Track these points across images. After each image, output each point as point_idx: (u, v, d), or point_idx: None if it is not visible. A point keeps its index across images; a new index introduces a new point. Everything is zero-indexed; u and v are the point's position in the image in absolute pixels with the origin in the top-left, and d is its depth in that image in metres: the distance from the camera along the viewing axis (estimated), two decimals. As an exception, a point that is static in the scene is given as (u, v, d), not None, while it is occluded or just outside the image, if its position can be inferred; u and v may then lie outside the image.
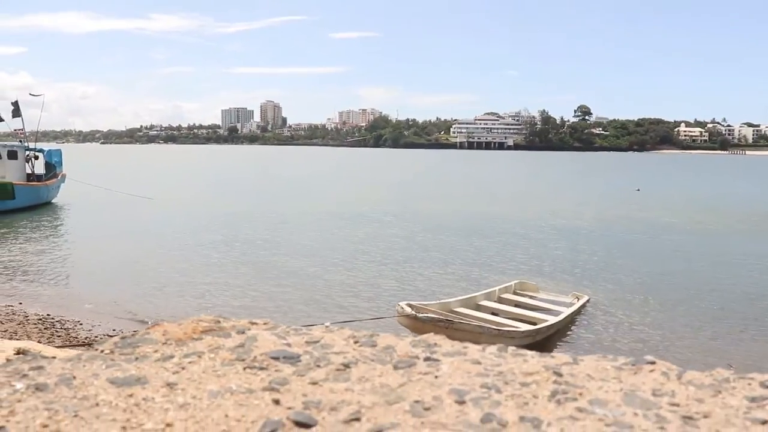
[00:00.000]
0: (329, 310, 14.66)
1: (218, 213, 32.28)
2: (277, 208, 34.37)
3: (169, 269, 19.03)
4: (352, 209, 34.20)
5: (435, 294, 15.56)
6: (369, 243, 23.79)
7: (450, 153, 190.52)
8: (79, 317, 14.03)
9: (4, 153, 35.13)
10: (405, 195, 44.25)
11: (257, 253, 21.64)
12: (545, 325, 12.39)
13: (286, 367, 1.25)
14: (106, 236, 25.44)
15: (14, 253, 22.14)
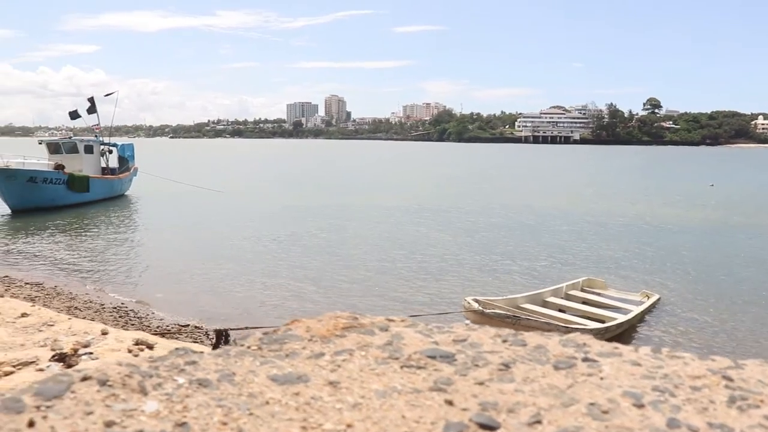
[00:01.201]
0: (394, 304, 14.66)
1: (285, 206, 32.67)
2: (341, 201, 34.60)
3: (236, 261, 19.34)
4: (416, 203, 34.14)
5: (500, 289, 15.40)
6: (433, 237, 23.70)
7: (515, 147, 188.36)
8: (151, 306, 14.37)
9: (81, 147, 36.41)
10: (469, 189, 43.96)
11: (322, 246, 21.80)
12: (614, 324, 12.12)
13: (445, 367, 1.20)
14: (176, 227, 26.04)
15: (89, 243, 22.90)
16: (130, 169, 40.07)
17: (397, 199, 35.84)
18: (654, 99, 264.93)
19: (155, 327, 12.43)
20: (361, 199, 35.78)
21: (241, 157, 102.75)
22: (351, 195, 38.51)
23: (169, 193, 37.93)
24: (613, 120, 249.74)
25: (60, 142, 36.66)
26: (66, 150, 36.09)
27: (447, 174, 60.31)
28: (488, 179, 54.37)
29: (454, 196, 37.93)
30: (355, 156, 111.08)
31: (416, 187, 45.65)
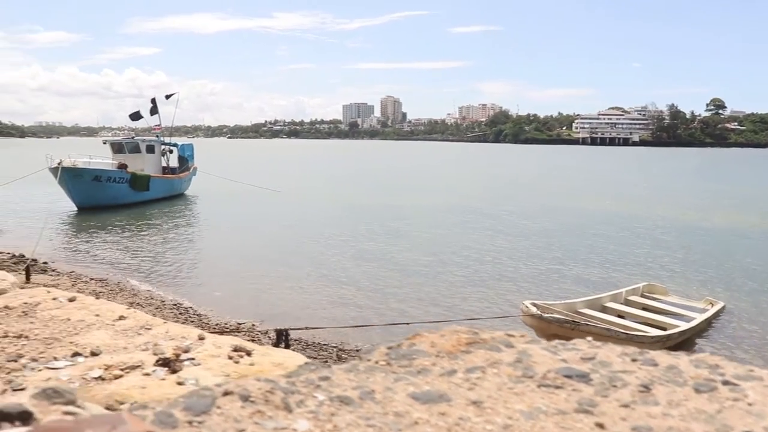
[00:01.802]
0: (449, 307, 14.56)
1: (340, 206, 32.84)
2: (396, 202, 34.58)
3: (291, 261, 19.48)
4: (471, 204, 33.90)
5: (557, 294, 15.15)
6: (487, 239, 23.48)
7: (572, 149, 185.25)
8: (210, 304, 14.57)
9: (143, 147, 37.33)
10: (525, 191, 43.45)
11: (376, 247, 21.79)
12: (676, 331, 11.77)
13: (583, 387, 1.16)
14: (234, 227, 26.40)
15: (149, 241, 23.40)
16: (190, 169, 40.82)
17: (451, 200, 35.66)
18: (718, 99, 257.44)
19: (214, 324, 12.62)
20: (415, 200, 35.71)
21: (298, 158, 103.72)
22: (406, 196, 38.47)
23: (226, 192, 38.49)
24: (674, 121, 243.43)
25: (123, 142, 37.70)
26: (129, 150, 37.05)
27: (502, 176, 59.76)
28: (544, 181, 53.67)
29: (509, 199, 37.55)
30: (411, 157, 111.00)
31: (471, 188, 45.37)
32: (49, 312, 2.45)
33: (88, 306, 2.51)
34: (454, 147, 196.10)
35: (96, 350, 2.03)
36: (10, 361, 1.94)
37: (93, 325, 2.29)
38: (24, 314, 2.42)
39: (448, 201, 35.26)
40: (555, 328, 10.80)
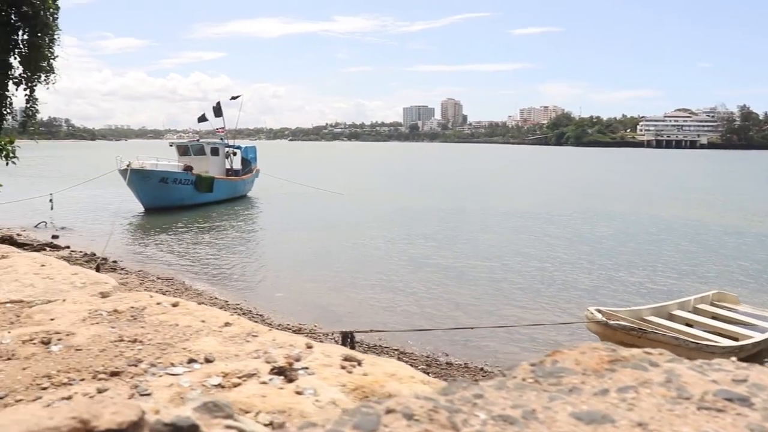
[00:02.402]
0: (512, 312, 14.42)
1: (402, 209, 32.83)
2: (459, 205, 34.41)
3: (352, 263, 19.58)
4: (533, 208, 33.46)
5: (621, 301, 14.84)
6: (551, 243, 23.14)
7: (636, 152, 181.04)
8: (271, 305, 14.74)
9: (207, 150, 38.09)
10: (589, 195, 42.65)
11: (437, 251, 21.69)
12: (749, 342, 11.33)
13: (747, 411, 1.13)
14: (297, 228, 26.67)
15: (212, 241, 23.85)
16: (253, 171, 41.41)
17: (512, 204, 35.26)
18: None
19: (276, 325, 12.77)
20: (476, 204, 35.47)
21: (359, 160, 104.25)
22: (466, 199, 38.23)
23: (288, 194, 38.93)
24: (745, 123, 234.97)
25: (188, 145, 38.54)
26: (194, 152, 37.83)
27: (565, 179, 58.85)
28: (608, 185, 52.62)
29: (571, 202, 36.91)
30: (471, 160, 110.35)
31: (533, 192, 44.80)
32: (157, 317, 2.51)
33: (192, 312, 2.57)
34: (515, 150, 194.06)
35: (209, 357, 2.07)
36: (130, 365, 2.00)
37: (201, 331, 2.34)
38: (133, 318, 2.49)
39: (509, 204, 34.92)
40: (621, 335, 10.60)
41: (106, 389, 1.81)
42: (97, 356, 2.07)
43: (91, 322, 2.44)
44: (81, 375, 1.91)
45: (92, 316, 2.50)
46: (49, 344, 2.19)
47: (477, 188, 47.40)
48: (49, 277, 3.16)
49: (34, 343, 2.21)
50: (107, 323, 2.43)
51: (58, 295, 2.87)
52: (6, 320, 2.51)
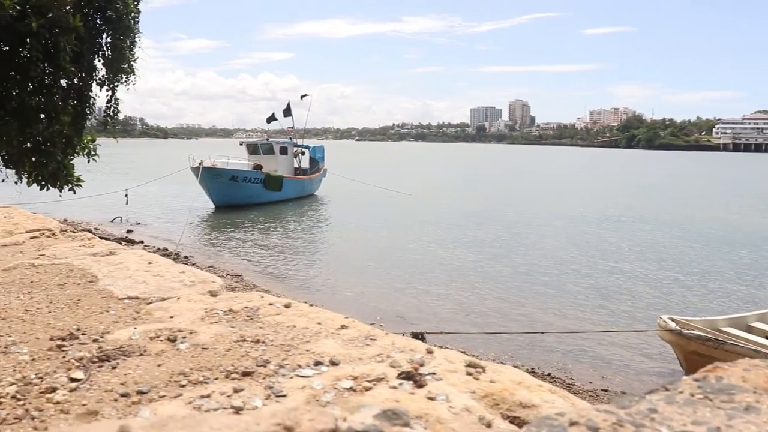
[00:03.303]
0: (580, 318, 14.17)
1: (469, 211, 32.61)
2: (527, 208, 33.96)
3: (420, 264, 19.54)
4: (602, 212, 32.75)
5: (695, 310, 14.41)
6: (618, 249, 22.60)
7: (712, 156, 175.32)
8: (338, 304, 14.83)
9: (277, 149, 38.69)
10: (661, 199, 41.47)
11: (504, 254, 21.45)
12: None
13: None
14: (364, 228, 26.79)
15: (281, 239, 24.20)
16: (321, 170, 41.83)
17: (580, 207, 34.57)
18: None
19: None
20: (543, 207, 34.92)
21: (426, 161, 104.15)
22: (534, 202, 37.71)
23: (356, 194, 39.13)
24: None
25: (258, 144, 39.30)
26: (263, 151, 38.49)
27: (636, 183, 57.42)
28: (681, 189, 51.14)
29: (643, 207, 35.93)
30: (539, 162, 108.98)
31: (603, 195, 43.83)
32: (273, 318, 2.57)
33: (306, 313, 2.62)
34: (584, 152, 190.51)
35: (334, 360, 2.11)
36: (259, 366, 2.05)
37: (319, 333, 2.38)
38: (250, 319, 2.55)
39: (578, 208, 34.26)
40: (695, 345, 10.30)
41: (242, 389, 1.87)
42: (225, 356, 2.14)
43: (209, 321, 2.52)
44: (213, 374, 1.97)
45: (209, 315, 2.58)
46: (175, 342, 2.27)
47: (544, 191, 46.72)
48: (159, 275, 3.26)
49: (161, 340, 2.29)
50: (225, 323, 2.50)
51: (171, 293, 2.96)
52: (128, 316, 2.61)
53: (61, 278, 3.25)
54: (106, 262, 3.59)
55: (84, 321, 2.51)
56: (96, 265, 3.54)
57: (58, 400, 1.77)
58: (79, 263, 3.61)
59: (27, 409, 1.71)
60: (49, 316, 2.58)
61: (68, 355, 2.12)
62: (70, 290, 3.00)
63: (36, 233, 4.56)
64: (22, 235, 4.51)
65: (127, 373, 1.97)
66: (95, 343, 2.25)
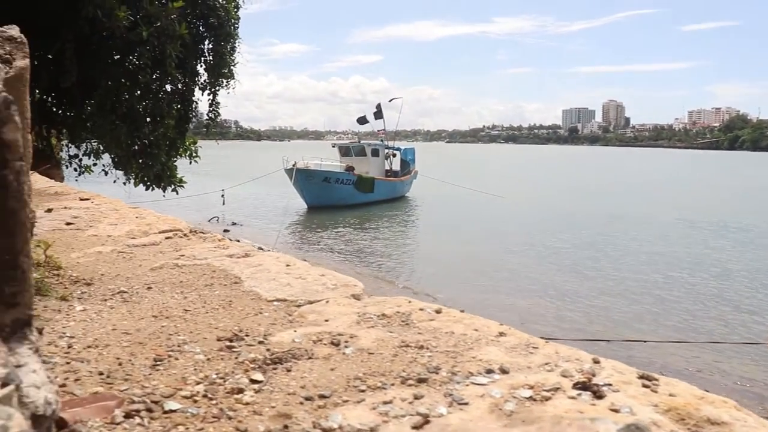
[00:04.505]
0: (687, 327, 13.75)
1: (563, 214, 32.13)
2: (622, 212, 33.12)
3: (513, 267, 19.40)
4: (708, 218, 31.53)
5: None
6: (724, 256, 21.75)
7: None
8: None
9: (368, 151, 39.28)
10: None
11: (602, 260, 21.05)
12: None
13: None
14: (456, 231, 26.77)
15: (373, 240, 24.48)
16: (411, 172, 42.10)
17: (684, 213, 33.34)
18: None
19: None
20: (641, 211, 33.95)
21: (517, 163, 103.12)
22: (631, 206, 36.72)
23: (446, 196, 39.17)
24: None
25: (350, 146, 40.05)
26: (355, 153, 39.13)
27: (743, 186, 55.04)
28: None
29: (749, 213, 34.36)
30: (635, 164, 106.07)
31: (708, 199, 42.23)
32: (427, 323, 2.57)
33: (460, 319, 2.62)
34: (683, 154, 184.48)
35: (504, 368, 2.10)
36: (431, 372, 2.06)
37: (479, 340, 2.37)
38: (405, 324, 2.56)
39: (680, 213, 33.09)
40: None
41: (422, 395, 1.87)
42: (393, 361, 2.15)
43: (365, 325, 2.54)
44: (388, 379, 1.99)
45: (364, 320, 2.61)
46: (339, 346, 2.30)
47: (641, 194, 45.38)
48: (301, 278, 3.32)
49: (324, 343, 2.32)
50: (382, 327, 2.52)
51: (316, 296, 3.01)
52: (282, 318, 2.66)
53: (207, 279, 3.36)
54: (245, 264, 3.69)
55: (242, 322, 2.59)
56: (236, 266, 3.64)
57: (247, 401, 1.82)
58: (219, 264, 3.72)
59: (221, 408, 1.77)
60: (207, 316, 2.67)
61: (241, 357, 2.18)
62: (219, 291, 3.10)
63: (169, 234, 4.73)
64: (156, 235, 4.69)
65: (303, 376, 2.01)
66: (261, 345, 2.31)
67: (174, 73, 14.91)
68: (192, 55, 16.07)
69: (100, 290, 3.11)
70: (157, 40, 13.56)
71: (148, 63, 14.12)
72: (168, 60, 14.12)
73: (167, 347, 2.24)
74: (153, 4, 13.40)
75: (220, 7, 15.90)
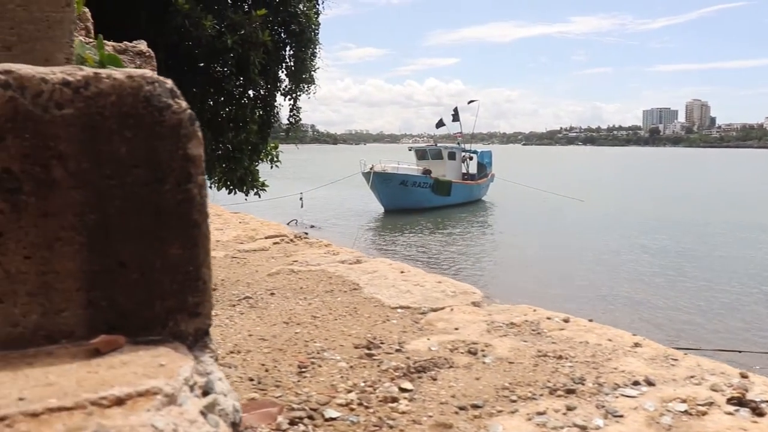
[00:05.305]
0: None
1: (647, 218, 31.30)
2: (709, 219, 31.95)
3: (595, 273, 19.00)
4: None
5: None
6: None
7: None
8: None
9: (445, 154, 39.24)
10: None
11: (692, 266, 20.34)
12: None
13: None
14: (535, 235, 26.44)
15: (450, 243, 24.39)
16: (488, 175, 41.84)
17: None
18: None
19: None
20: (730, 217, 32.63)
21: (597, 166, 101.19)
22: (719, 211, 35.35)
23: (525, 199, 38.74)
24: None
25: (427, 149, 40.10)
26: (431, 156, 39.16)
27: None
28: None
29: None
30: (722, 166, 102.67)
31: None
32: (559, 333, 2.58)
33: (591, 329, 2.61)
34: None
35: (649, 380, 2.08)
36: (576, 383, 2.06)
37: (616, 350, 2.36)
38: (537, 333, 2.57)
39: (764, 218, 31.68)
40: None
41: (574, 407, 1.88)
42: (534, 371, 2.16)
43: (496, 334, 2.56)
44: (536, 389, 2.00)
45: (494, 328, 2.63)
46: (476, 354, 2.33)
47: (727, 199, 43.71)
48: (419, 285, 3.37)
49: (461, 352, 2.36)
50: (513, 336, 2.53)
51: (438, 303, 3.05)
52: (410, 326, 2.70)
53: (326, 285, 3.43)
54: (360, 270, 3.76)
55: (372, 329, 2.64)
56: (352, 272, 3.71)
57: (403, 410, 1.86)
58: (333, 270, 3.80)
59: (380, 417, 1.81)
60: (336, 323, 2.73)
61: (383, 365, 2.23)
62: (341, 298, 3.16)
63: (276, 239, 4.85)
64: (263, 240, 4.82)
65: (451, 385, 2.04)
66: (399, 353, 2.35)
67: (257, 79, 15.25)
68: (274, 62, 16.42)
69: (225, 296, 3.23)
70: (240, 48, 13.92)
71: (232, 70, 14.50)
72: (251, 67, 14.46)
73: (307, 354, 2.31)
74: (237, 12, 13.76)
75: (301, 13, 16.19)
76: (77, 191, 1.30)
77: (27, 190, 1.25)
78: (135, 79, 1.35)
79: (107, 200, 1.33)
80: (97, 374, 1.14)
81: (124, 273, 1.36)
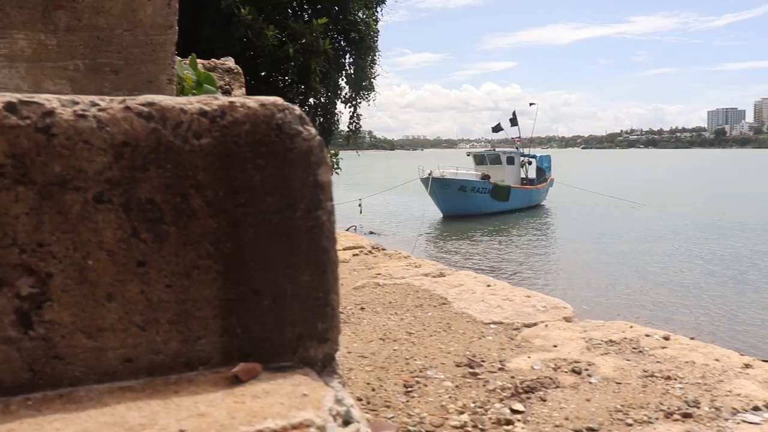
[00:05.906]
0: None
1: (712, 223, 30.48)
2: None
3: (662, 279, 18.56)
4: None
5: None
6: None
7: None
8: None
9: (503, 159, 38.98)
10: None
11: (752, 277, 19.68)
12: None
13: None
14: (597, 240, 25.96)
15: (510, 249, 24.13)
16: (547, 180, 41.40)
17: None
18: None
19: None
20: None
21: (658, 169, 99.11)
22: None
23: (585, 204, 38.16)
24: None
25: (485, 154, 39.89)
26: (490, 161, 38.94)
27: None
28: None
29: None
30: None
31: None
32: (661, 351, 2.52)
33: (695, 348, 2.54)
34: None
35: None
36: (691, 406, 2.01)
37: (726, 372, 2.30)
38: (639, 352, 2.51)
39: None
40: None
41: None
42: (644, 392, 2.12)
43: (597, 352, 2.52)
44: (650, 413, 1.96)
45: (593, 346, 2.58)
46: (580, 374, 2.29)
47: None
48: (508, 299, 3.33)
49: (565, 371, 2.32)
50: (615, 354, 2.49)
51: (530, 318, 3.01)
52: (507, 343, 2.68)
53: (414, 299, 3.42)
54: (446, 284, 3.74)
55: (470, 346, 2.62)
56: (438, 286, 3.69)
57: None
58: (419, 284, 3.79)
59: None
60: (432, 339, 2.71)
61: (490, 385, 2.21)
62: (432, 313, 3.15)
63: (355, 250, 4.87)
64: (342, 252, 4.84)
65: (562, 407, 2.01)
66: (502, 372, 2.32)
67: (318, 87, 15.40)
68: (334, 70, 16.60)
69: (315, 310, 3.22)
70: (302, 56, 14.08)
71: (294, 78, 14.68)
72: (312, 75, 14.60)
73: (410, 372, 2.30)
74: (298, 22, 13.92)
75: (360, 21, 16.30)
76: (214, 220, 1.32)
77: (168, 219, 1.28)
78: (267, 107, 1.36)
79: (242, 228, 1.34)
80: (245, 404, 1.15)
81: (257, 300, 1.37)
